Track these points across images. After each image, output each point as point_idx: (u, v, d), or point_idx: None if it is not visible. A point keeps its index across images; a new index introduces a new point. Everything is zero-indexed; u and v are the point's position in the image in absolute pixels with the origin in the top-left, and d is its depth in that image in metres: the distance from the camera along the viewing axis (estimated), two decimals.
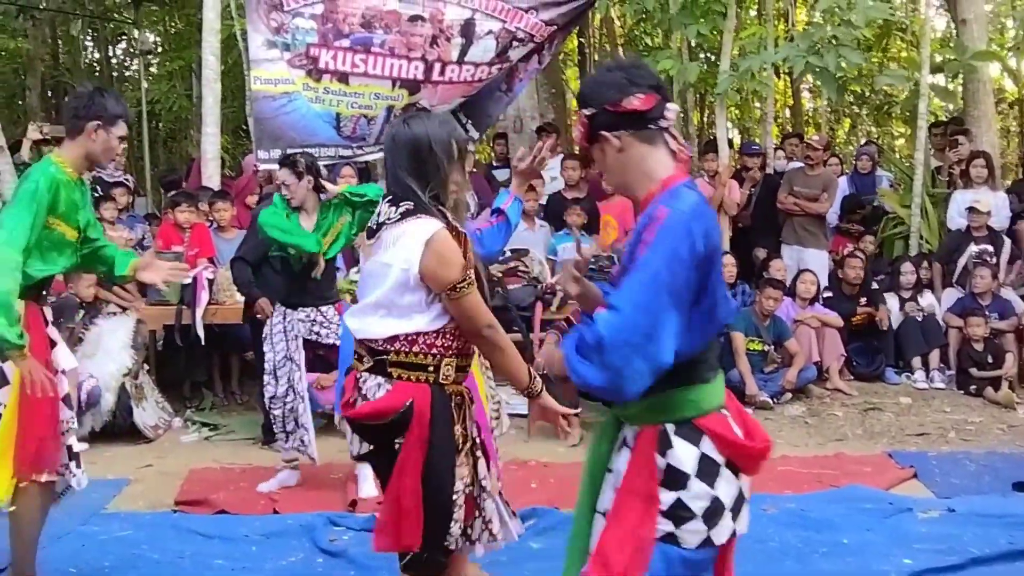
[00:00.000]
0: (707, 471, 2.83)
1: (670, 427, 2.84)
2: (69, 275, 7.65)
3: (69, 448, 4.78)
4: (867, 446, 7.83)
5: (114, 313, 8.38)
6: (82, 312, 8.17)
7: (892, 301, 10.27)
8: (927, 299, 10.38)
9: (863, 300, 10.21)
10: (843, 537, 5.60)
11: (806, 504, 6.11)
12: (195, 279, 8.62)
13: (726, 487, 2.86)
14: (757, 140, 12.75)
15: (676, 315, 2.68)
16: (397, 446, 3.52)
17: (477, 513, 3.72)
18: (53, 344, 4.76)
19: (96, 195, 10.01)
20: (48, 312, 4.74)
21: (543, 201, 10.62)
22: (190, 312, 8.57)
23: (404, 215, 3.50)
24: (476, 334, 3.58)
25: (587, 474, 3.12)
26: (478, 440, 3.73)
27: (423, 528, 3.52)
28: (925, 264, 10.67)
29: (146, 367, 8.48)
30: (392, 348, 3.54)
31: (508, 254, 9.37)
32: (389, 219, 3.54)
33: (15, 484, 4.52)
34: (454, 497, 3.56)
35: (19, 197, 4.45)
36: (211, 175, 10.33)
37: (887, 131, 19.53)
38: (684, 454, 2.83)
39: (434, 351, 3.55)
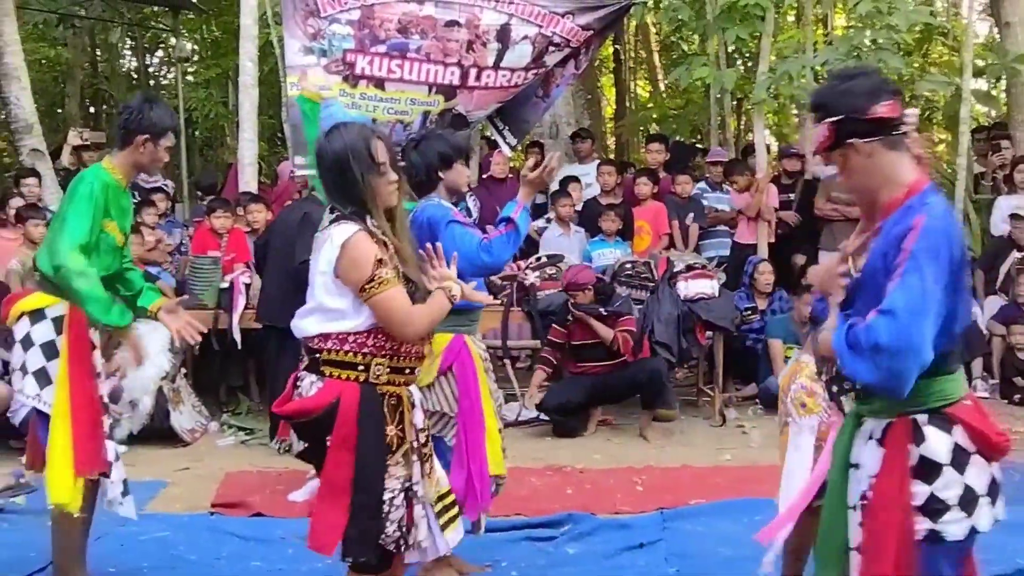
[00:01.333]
0: (959, 460, 2.93)
1: (921, 418, 2.95)
2: None
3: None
4: None
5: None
6: None
7: None
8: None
9: None
10: None
11: None
12: (232, 284, 8.64)
13: (977, 474, 2.94)
14: (796, 146, 12.62)
15: (937, 316, 2.83)
16: (328, 444, 3.59)
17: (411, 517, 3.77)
18: (94, 347, 4.81)
19: (136, 200, 10.07)
20: None
21: (579, 208, 10.58)
22: (227, 317, 8.58)
23: (332, 222, 3.63)
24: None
25: (835, 469, 3.21)
26: (415, 444, 3.75)
27: (352, 529, 3.56)
28: (968, 271, 10.48)
29: (183, 371, 8.51)
30: (324, 347, 3.62)
31: (544, 259, 9.35)
32: (323, 226, 3.66)
33: (79, 484, 4.58)
34: (386, 497, 3.60)
35: (76, 200, 4.56)
36: (248, 181, 10.35)
37: (927, 137, 19.34)
38: (937, 444, 2.93)
39: (365, 350, 3.61)
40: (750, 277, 9.22)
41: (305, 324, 3.67)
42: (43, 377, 4.63)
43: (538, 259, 9.37)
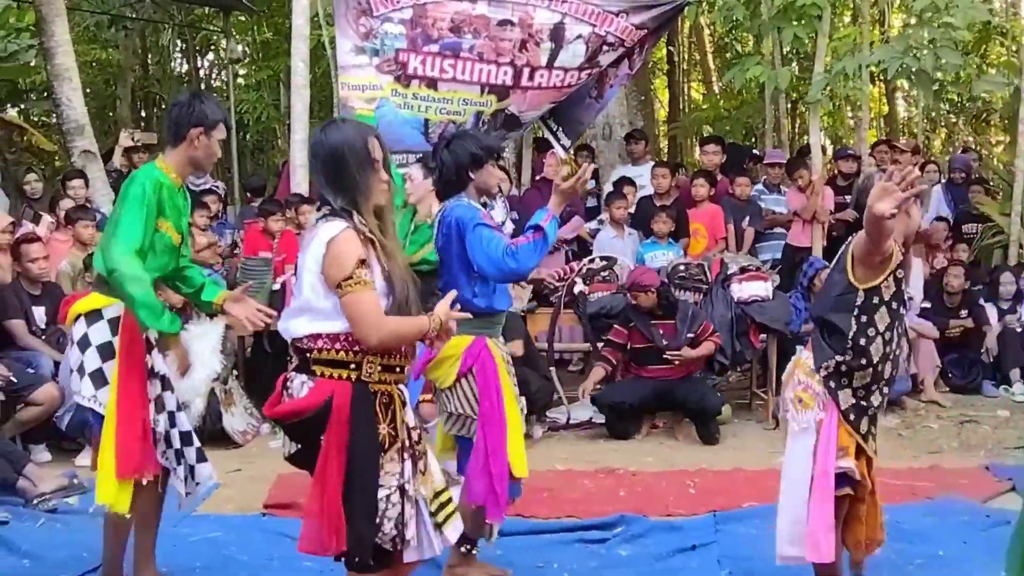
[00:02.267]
0: None
1: None
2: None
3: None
4: (963, 459, 7.61)
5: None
6: None
7: (991, 311, 10.00)
8: None
9: (963, 312, 9.95)
10: (939, 549, 5.46)
11: (900, 516, 5.90)
12: (283, 285, 8.64)
13: None
14: (851, 147, 12.50)
15: None
16: (320, 444, 3.54)
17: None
18: (152, 347, 4.80)
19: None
20: None
21: (631, 210, 10.50)
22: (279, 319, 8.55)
23: (320, 219, 3.61)
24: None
25: None
26: (407, 443, 3.70)
27: (349, 529, 3.51)
28: None
29: (235, 373, 8.51)
30: (315, 346, 3.59)
31: (598, 262, 9.28)
32: (310, 223, 3.66)
33: (125, 486, 4.56)
34: (382, 495, 3.57)
35: (128, 201, 4.52)
36: (299, 182, 10.35)
37: (985, 139, 19.12)
38: None
39: (356, 348, 3.57)
40: (809, 280, 9.02)
41: (293, 325, 3.65)
42: (99, 378, 4.62)
43: (591, 261, 9.30)
